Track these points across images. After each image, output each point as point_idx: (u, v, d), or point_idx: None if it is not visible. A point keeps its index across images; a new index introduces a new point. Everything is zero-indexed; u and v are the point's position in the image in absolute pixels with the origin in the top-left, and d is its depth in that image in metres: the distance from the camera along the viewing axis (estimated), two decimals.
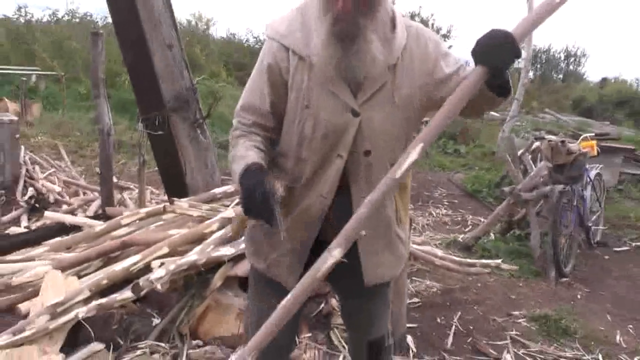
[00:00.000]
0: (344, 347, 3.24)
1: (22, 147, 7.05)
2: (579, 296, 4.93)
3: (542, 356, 3.67)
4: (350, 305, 2.22)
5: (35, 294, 3.03)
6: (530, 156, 7.23)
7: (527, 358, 3.62)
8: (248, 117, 1.92)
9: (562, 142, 5.56)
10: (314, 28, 1.80)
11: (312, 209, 1.91)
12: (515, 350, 3.70)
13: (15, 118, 6.66)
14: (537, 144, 7.14)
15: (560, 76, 25.94)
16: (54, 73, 14.87)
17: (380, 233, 1.97)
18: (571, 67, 26.18)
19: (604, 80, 25.28)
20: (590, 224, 6.18)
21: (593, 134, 6.48)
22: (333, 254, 1.52)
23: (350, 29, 1.73)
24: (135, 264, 3.09)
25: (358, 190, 1.89)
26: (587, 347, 3.88)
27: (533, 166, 6.38)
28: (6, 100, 11.37)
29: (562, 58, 26.02)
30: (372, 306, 2.15)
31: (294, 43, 1.83)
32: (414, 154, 1.57)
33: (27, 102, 11.40)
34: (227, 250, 3.13)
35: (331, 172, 1.88)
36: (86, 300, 2.93)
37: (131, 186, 6.78)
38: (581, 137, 6.31)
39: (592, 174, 6.27)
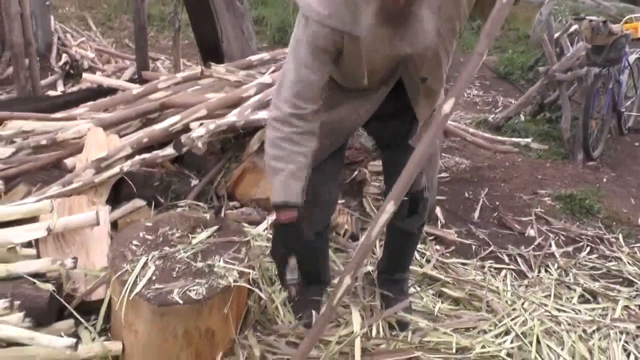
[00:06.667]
0: (375, 214, 3.35)
1: (52, 16, 6.97)
2: (604, 180, 4.96)
3: (564, 233, 3.77)
4: (396, 161, 2.30)
5: (79, 150, 3.13)
6: (567, 39, 6.99)
7: (550, 234, 3.73)
8: (305, 106, 1.88)
9: (604, 22, 5.36)
10: (360, 2, 1.76)
11: (346, 121, 2.12)
12: (539, 226, 3.81)
13: None
14: (575, 26, 6.89)
15: None
16: None
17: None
18: None
19: None
20: (623, 110, 6.08)
21: (639, 15, 6.22)
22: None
23: (400, 14, 1.74)
24: (174, 124, 3.16)
25: (420, 107, 2.09)
26: (609, 227, 3.97)
27: (570, 48, 6.19)
28: None
29: None
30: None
31: (342, 23, 1.78)
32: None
33: None
34: (265, 114, 3.17)
35: (375, 98, 2.06)
36: (128, 157, 3.03)
37: (162, 57, 6.76)
38: (625, 18, 6.06)
39: (632, 58, 6.07)
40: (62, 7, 9.39)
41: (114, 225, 2.91)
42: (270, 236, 2.91)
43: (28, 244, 2.45)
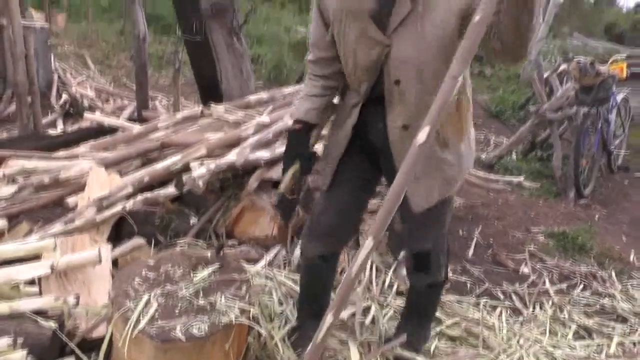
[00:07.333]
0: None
1: (52, 54, 7.08)
2: (596, 217, 5.04)
3: (557, 270, 3.82)
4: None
5: (81, 188, 3.18)
6: (557, 78, 7.15)
7: (544, 271, 3.77)
8: (315, 53, 2.16)
9: (591, 63, 5.52)
10: None
11: (343, 125, 2.19)
12: (533, 263, 3.85)
13: (46, 25, 6.67)
14: (564, 66, 7.06)
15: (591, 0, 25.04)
16: None
17: None
18: None
19: (639, 5, 24.43)
20: (612, 148, 6.21)
21: (624, 56, 6.39)
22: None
23: None
24: (175, 163, 3.22)
25: (392, 117, 2.05)
26: (602, 263, 4.02)
27: (560, 87, 6.35)
28: (31, 9, 11.26)
29: None
30: (412, 221, 2.24)
31: None
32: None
33: (52, 13, 11.27)
34: (264, 154, 3.25)
35: (362, 94, 2.10)
36: (129, 196, 3.08)
37: (159, 96, 6.86)
38: (611, 59, 6.23)
39: (619, 98, 6.23)
40: (61, 45, 9.53)
41: (114, 263, 2.94)
42: (269, 273, 2.97)
43: (31, 282, 2.49)
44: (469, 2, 1.80)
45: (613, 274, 3.88)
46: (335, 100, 2.28)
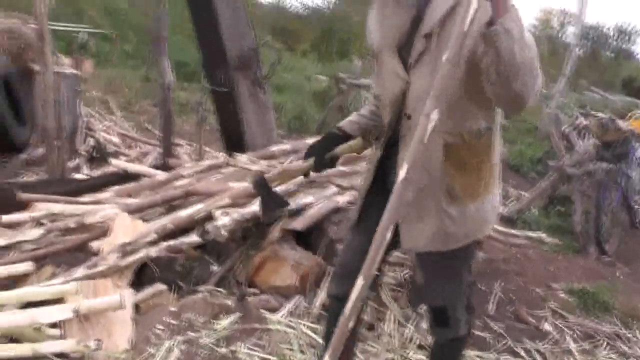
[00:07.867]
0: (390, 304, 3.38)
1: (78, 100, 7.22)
2: (618, 274, 4.94)
3: (580, 328, 3.74)
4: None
5: (104, 233, 3.23)
6: (575, 132, 7.18)
7: (566, 329, 3.70)
8: (374, 87, 2.33)
9: (612, 119, 5.55)
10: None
11: (374, 161, 2.20)
12: (554, 321, 3.78)
13: (77, 72, 6.84)
14: (582, 120, 7.09)
15: (610, 54, 25.14)
16: (102, 31, 14.91)
17: (418, 201, 2.01)
18: (622, 45, 25.36)
19: None
20: (634, 204, 6.16)
21: None
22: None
23: None
24: (198, 211, 3.26)
25: (402, 152, 2.02)
26: (626, 323, 3.92)
27: (578, 142, 6.37)
28: (61, 55, 11.55)
29: (613, 35, 25.12)
30: (425, 273, 2.21)
31: (370, 18, 2.11)
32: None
33: (80, 59, 11.56)
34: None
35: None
36: (152, 243, 3.12)
37: (182, 142, 6.96)
38: (629, 114, 6.25)
39: (639, 153, 6.22)
40: (88, 91, 9.73)
41: (136, 308, 2.95)
42: (290, 322, 2.96)
43: (53, 325, 2.51)
44: (475, 49, 1.79)
45: (638, 334, 3.79)
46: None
